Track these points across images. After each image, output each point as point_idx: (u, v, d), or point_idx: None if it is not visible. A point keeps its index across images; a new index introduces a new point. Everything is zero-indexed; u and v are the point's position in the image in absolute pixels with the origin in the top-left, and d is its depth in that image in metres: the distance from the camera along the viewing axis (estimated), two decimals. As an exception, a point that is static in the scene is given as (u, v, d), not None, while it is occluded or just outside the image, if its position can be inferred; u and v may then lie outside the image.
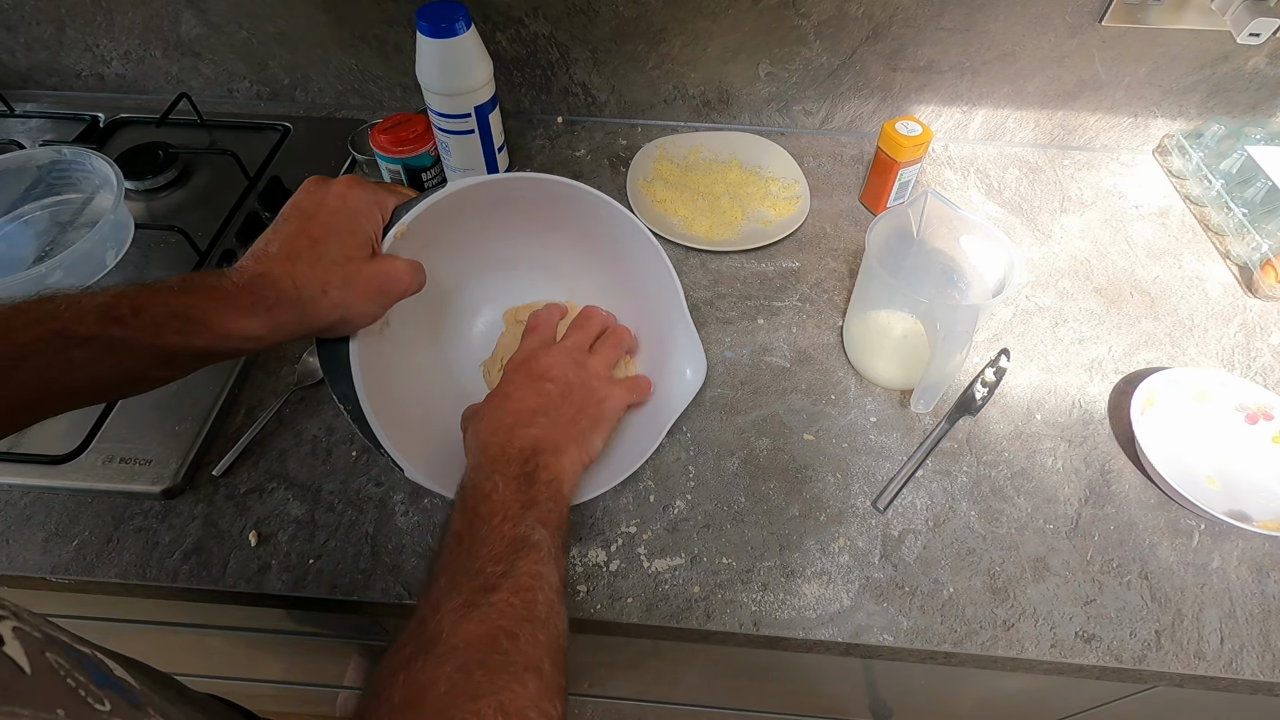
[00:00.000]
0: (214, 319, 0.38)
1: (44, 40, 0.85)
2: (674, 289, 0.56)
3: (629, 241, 0.56)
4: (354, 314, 0.45)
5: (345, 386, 0.47)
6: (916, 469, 0.59)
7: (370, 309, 0.46)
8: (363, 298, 0.45)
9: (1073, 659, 0.50)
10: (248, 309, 0.40)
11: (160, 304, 0.37)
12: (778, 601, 0.52)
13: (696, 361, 0.57)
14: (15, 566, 0.52)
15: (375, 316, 0.47)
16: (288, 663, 0.90)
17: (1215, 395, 0.60)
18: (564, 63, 0.84)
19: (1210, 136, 0.81)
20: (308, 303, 0.42)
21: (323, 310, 0.43)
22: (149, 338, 0.37)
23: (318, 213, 0.45)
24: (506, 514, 0.41)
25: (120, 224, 0.69)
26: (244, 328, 0.39)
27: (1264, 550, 0.55)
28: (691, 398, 0.57)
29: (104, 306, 0.36)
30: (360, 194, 0.46)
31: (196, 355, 0.39)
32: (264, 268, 0.41)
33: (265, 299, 0.40)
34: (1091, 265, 0.75)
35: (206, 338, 0.38)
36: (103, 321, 0.36)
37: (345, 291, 0.43)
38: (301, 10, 0.81)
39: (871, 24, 0.78)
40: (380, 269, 0.46)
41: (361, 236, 0.46)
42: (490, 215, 0.55)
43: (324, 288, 0.42)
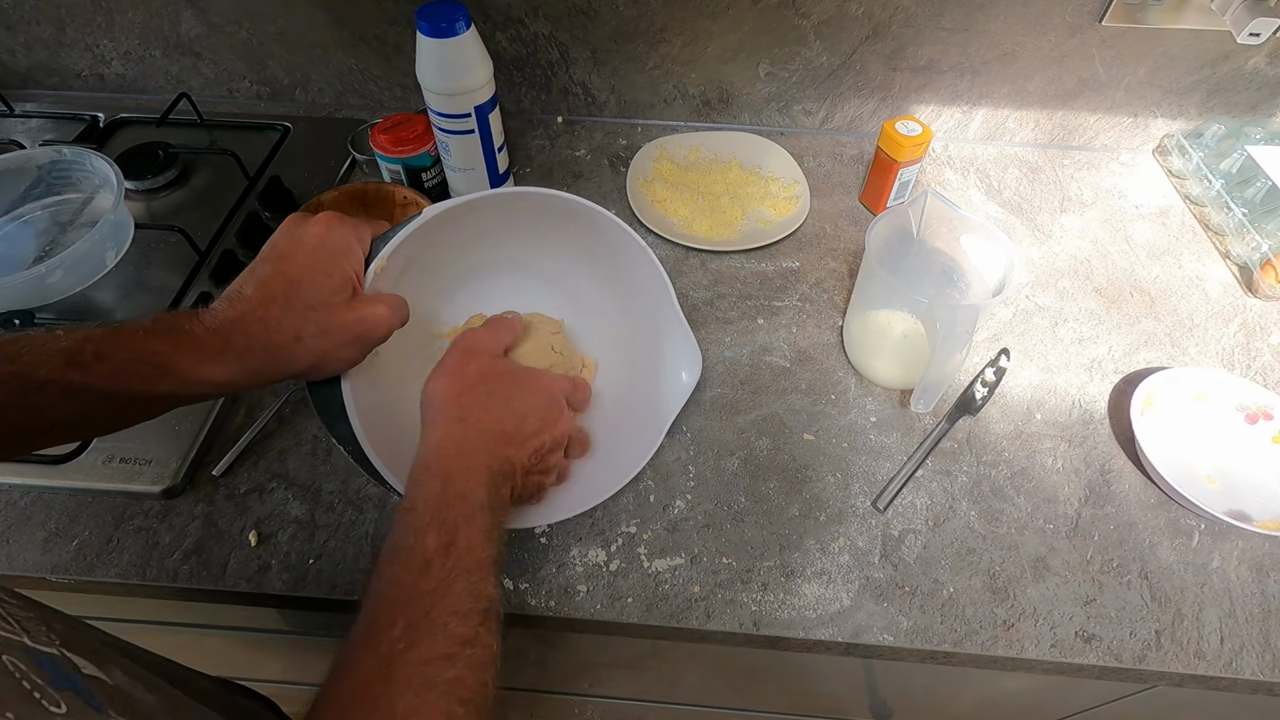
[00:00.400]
0: (180, 365, 0.37)
1: (44, 40, 0.85)
2: (665, 290, 0.56)
3: (618, 246, 0.55)
4: (330, 360, 0.43)
5: (343, 429, 0.46)
6: (916, 469, 0.59)
7: (348, 354, 0.44)
8: (339, 344, 0.43)
9: (1073, 659, 0.50)
10: (216, 355, 0.38)
11: (125, 349, 0.36)
12: (778, 601, 0.52)
13: (692, 361, 0.57)
14: (15, 566, 0.52)
15: (353, 362, 0.45)
16: (288, 663, 0.90)
17: (1215, 395, 0.60)
18: (564, 62, 0.84)
19: (1210, 136, 0.81)
20: (280, 349, 0.40)
21: (296, 357, 0.41)
22: (109, 383, 0.36)
23: (295, 253, 0.43)
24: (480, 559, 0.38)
25: (120, 224, 0.69)
26: (211, 374, 0.38)
27: (1264, 550, 0.55)
28: (687, 397, 0.57)
29: (66, 351, 0.35)
30: (340, 231, 0.45)
31: (161, 400, 0.38)
32: (237, 311, 0.40)
33: (235, 345, 0.39)
34: (1091, 265, 0.75)
35: (170, 384, 0.37)
36: (63, 366, 0.35)
37: (320, 339, 0.42)
38: (302, 10, 0.81)
39: (871, 24, 0.78)
40: (358, 315, 0.44)
41: (340, 278, 0.43)
42: (472, 231, 0.54)
43: (297, 334, 0.41)
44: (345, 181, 0.81)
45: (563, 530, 0.54)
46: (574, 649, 0.75)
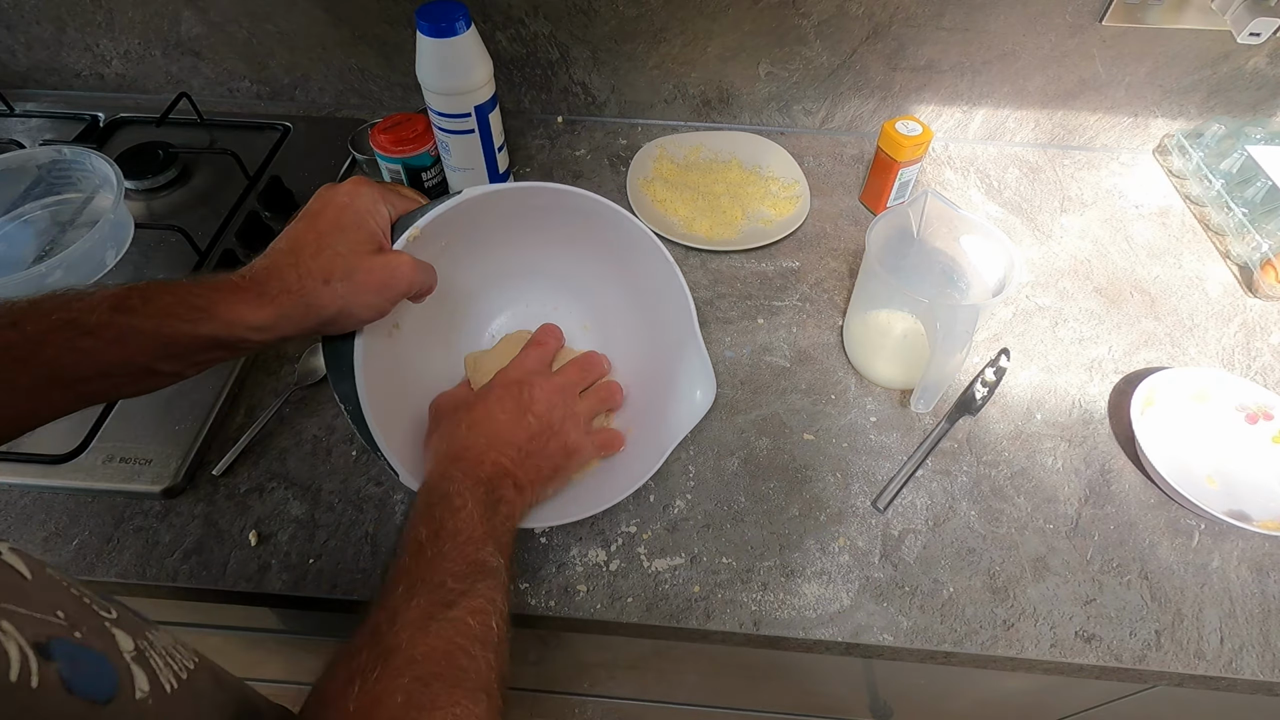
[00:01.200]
0: (220, 308, 0.39)
1: (44, 40, 0.85)
2: (687, 309, 0.55)
3: (644, 257, 0.55)
4: (356, 305, 0.45)
5: (347, 386, 0.47)
6: (916, 469, 0.59)
7: (373, 301, 0.45)
8: (365, 289, 0.44)
9: (1073, 659, 0.50)
10: (253, 299, 0.40)
11: (169, 294, 0.38)
12: (778, 601, 0.52)
13: (706, 383, 0.55)
14: (15, 566, 0.52)
15: (379, 310, 0.46)
16: (288, 662, 0.90)
17: (1215, 395, 0.60)
18: (564, 62, 0.84)
19: (1210, 136, 0.81)
20: (310, 293, 0.42)
21: (324, 300, 0.43)
22: (155, 325, 0.37)
23: (325, 209, 0.45)
24: (471, 535, 0.41)
25: (120, 223, 0.69)
26: (249, 316, 0.40)
27: (1264, 550, 0.55)
28: (699, 419, 0.55)
29: (114, 297, 0.37)
30: (367, 192, 0.47)
31: (203, 345, 0.39)
32: (269, 261, 0.43)
33: (270, 289, 0.41)
34: (1091, 265, 0.75)
35: (212, 325, 0.39)
36: (112, 311, 0.36)
37: (347, 283, 0.43)
38: (302, 10, 0.81)
39: (872, 23, 0.78)
40: (385, 262, 0.46)
41: (367, 231, 0.46)
42: (508, 223, 0.55)
43: (326, 277, 0.43)
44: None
45: (563, 530, 0.55)
46: (574, 649, 0.75)
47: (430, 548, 0.40)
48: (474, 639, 0.36)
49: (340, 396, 0.47)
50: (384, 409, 0.48)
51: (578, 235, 0.57)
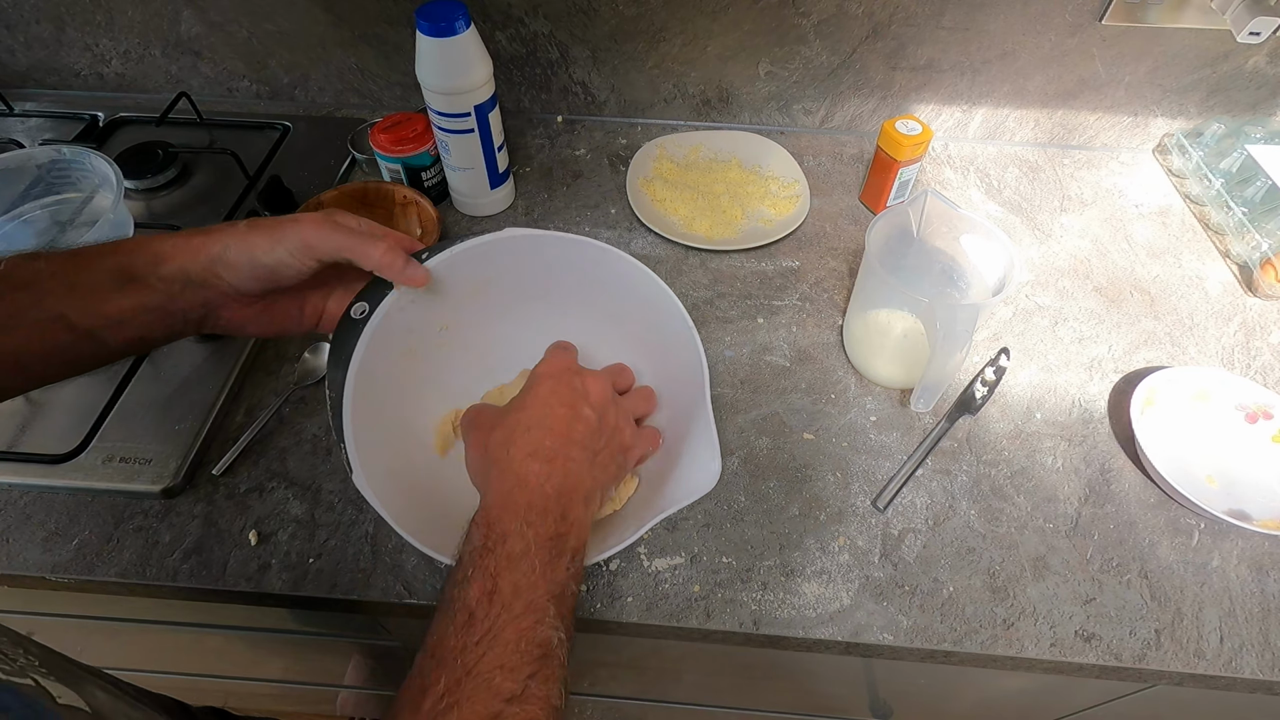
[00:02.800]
0: (126, 243, 0.42)
1: (43, 39, 0.85)
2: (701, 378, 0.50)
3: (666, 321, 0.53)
4: (247, 243, 0.43)
5: (339, 372, 0.46)
6: (916, 468, 0.59)
7: (263, 242, 0.43)
8: (258, 230, 0.43)
9: (1072, 658, 0.50)
10: (161, 237, 0.42)
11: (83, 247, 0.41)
12: (777, 600, 0.52)
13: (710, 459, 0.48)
14: (15, 566, 0.52)
15: (273, 254, 0.43)
16: (288, 662, 0.90)
17: (1215, 394, 0.60)
18: (564, 62, 0.84)
19: (1210, 135, 0.81)
20: (209, 231, 0.43)
21: (220, 236, 0.43)
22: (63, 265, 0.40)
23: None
24: (532, 600, 0.35)
25: (120, 223, 0.69)
26: (151, 246, 0.41)
27: (1264, 549, 0.55)
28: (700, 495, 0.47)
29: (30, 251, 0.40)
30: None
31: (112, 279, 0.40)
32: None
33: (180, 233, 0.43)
34: (1091, 264, 0.75)
35: (117, 257, 0.40)
36: (23, 259, 0.39)
37: (248, 226, 0.43)
38: (301, 9, 0.81)
39: (871, 23, 0.78)
40: (288, 218, 0.45)
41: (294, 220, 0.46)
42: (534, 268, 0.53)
43: (232, 225, 0.44)
44: (345, 181, 0.81)
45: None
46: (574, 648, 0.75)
47: (482, 619, 0.34)
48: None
49: (329, 381, 0.46)
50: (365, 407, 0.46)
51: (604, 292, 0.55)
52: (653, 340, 0.55)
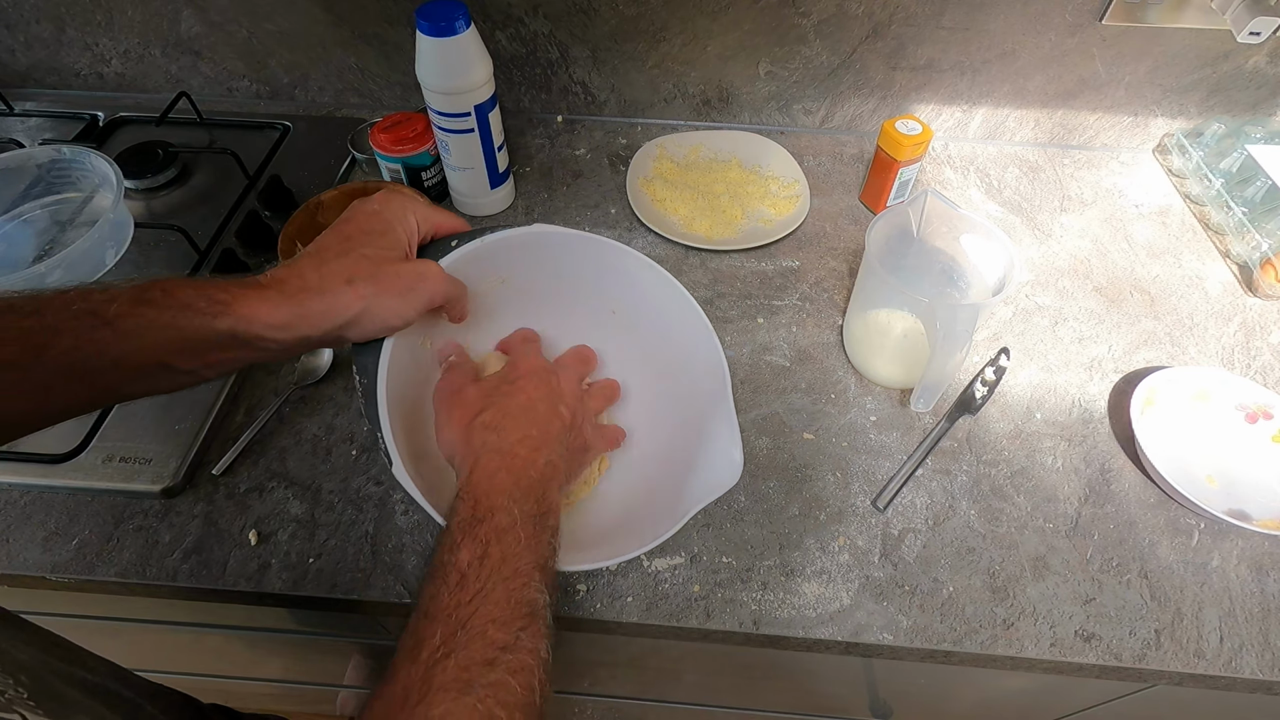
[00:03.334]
0: (238, 304, 0.39)
1: (43, 39, 0.85)
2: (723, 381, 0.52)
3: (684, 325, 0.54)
4: (379, 307, 0.43)
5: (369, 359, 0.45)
6: (916, 468, 0.59)
7: (396, 305, 0.44)
8: (389, 291, 0.43)
9: (1072, 658, 0.50)
10: (273, 297, 0.40)
11: (190, 288, 0.38)
12: (777, 600, 0.52)
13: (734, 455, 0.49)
14: (15, 565, 0.52)
15: (403, 316, 0.44)
16: (288, 661, 0.90)
17: (1215, 394, 0.60)
18: (564, 61, 0.84)
19: (1210, 135, 0.81)
20: (331, 291, 0.41)
21: (346, 300, 0.42)
22: (172, 318, 0.37)
23: (353, 217, 0.45)
24: (519, 566, 0.38)
25: (120, 223, 0.69)
26: (267, 314, 0.39)
27: (1264, 549, 0.55)
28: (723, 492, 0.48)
29: (136, 290, 0.37)
30: (397, 201, 0.47)
31: (220, 341, 0.39)
32: (293, 262, 0.43)
33: (290, 287, 0.41)
34: (1091, 264, 0.75)
35: (229, 320, 0.38)
36: (131, 303, 0.36)
37: (370, 283, 0.42)
38: (301, 9, 0.81)
39: (871, 23, 0.78)
40: (411, 268, 0.45)
41: (393, 238, 0.45)
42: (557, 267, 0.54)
43: (349, 278, 0.42)
44: (345, 180, 0.81)
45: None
46: (574, 648, 0.75)
47: (474, 580, 0.36)
48: (514, 707, 0.33)
49: (358, 368, 0.46)
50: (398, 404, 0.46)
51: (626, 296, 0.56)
52: (670, 340, 0.55)
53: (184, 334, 0.37)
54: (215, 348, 0.39)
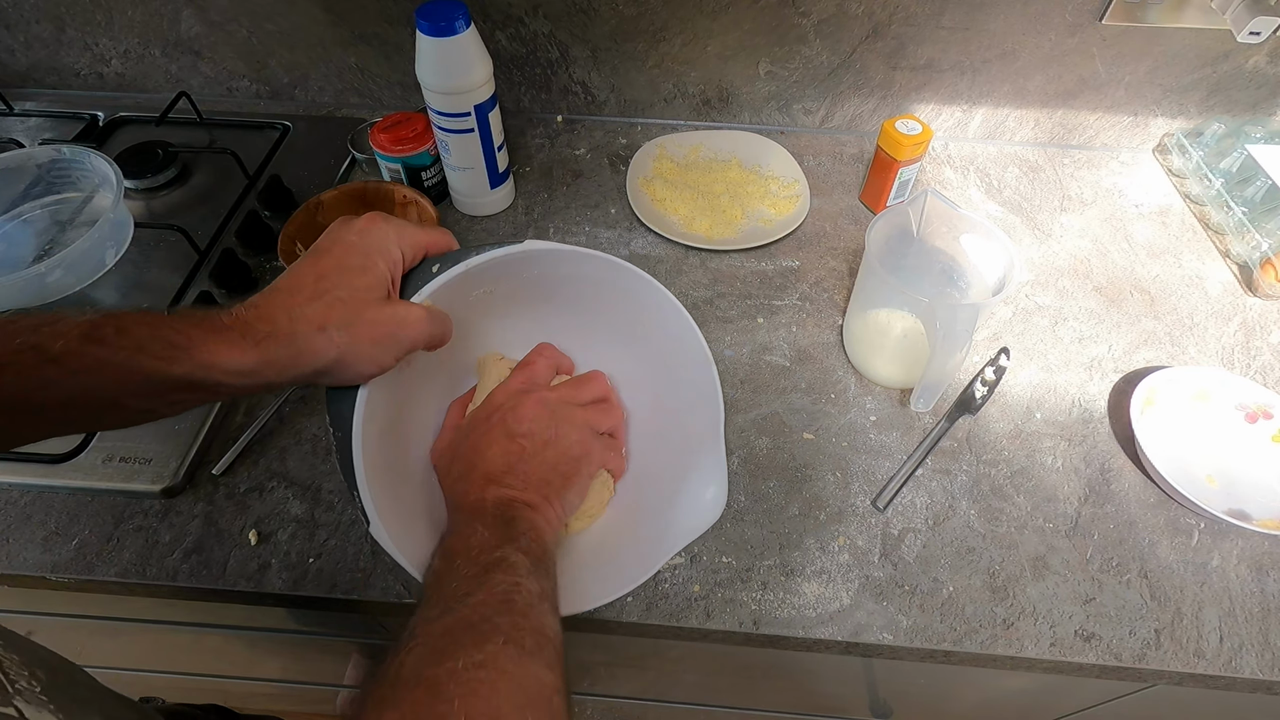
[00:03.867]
0: (197, 348, 0.36)
1: (43, 39, 0.85)
2: (716, 406, 0.51)
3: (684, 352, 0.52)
4: (354, 357, 0.40)
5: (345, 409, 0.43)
6: (916, 468, 0.59)
7: (373, 354, 0.41)
8: (364, 340, 0.40)
9: (1072, 657, 0.50)
10: (236, 340, 0.37)
11: (146, 327, 0.35)
12: (777, 600, 0.52)
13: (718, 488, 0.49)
14: (15, 565, 0.52)
15: (380, 364, 0.42)
16: (287, 661, 0.90)
17: (1215, 394, 0.60)
18: (564, 61, 0.84)
19: (1210, 135, 0.81)
20: (301, 338, 0.38)
21: (318, 347, 0.39)
22: (125, 359, 0.35)
23: (332, 248, 0.42)
24: (484, 547, 0.39)
25: (120, 223, 0.69)
26: (228, 360, 0.36)
27: (1263, 549, 0.55)
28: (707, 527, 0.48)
29: (88, 325, 0.35)
30: (380, 230, 0.43)
31: (175, 385, 0.36)
32: (262, 301, 0.39)
33: (257, 331, 0.38)
34: (1091, 264, 0.75)
35: (186, 366, 0.36)
36: (82, 340, 0.34)
37: (345, 332, 0.39)
38: (301, 9, 0.81)
39: (871, 22, 0.78)
40: (391, 314, 0.42)
41: (374, 276, 0.42)
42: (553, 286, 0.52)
43: (322, 324, 0.39)
44: (345, 180, 0.81)
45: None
46: (574, 648, 0.75)
47: (445, 574, 0.38)
48: (494, 610, 0.35)
49: (332, 417, 0.43)
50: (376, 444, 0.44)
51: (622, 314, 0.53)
52: (664, 362, 0.54)
53: (136, 376, 0.35)
54: (171, 391, 0.36)
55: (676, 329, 0.51)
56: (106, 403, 0.36)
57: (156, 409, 0.38)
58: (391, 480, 0.45)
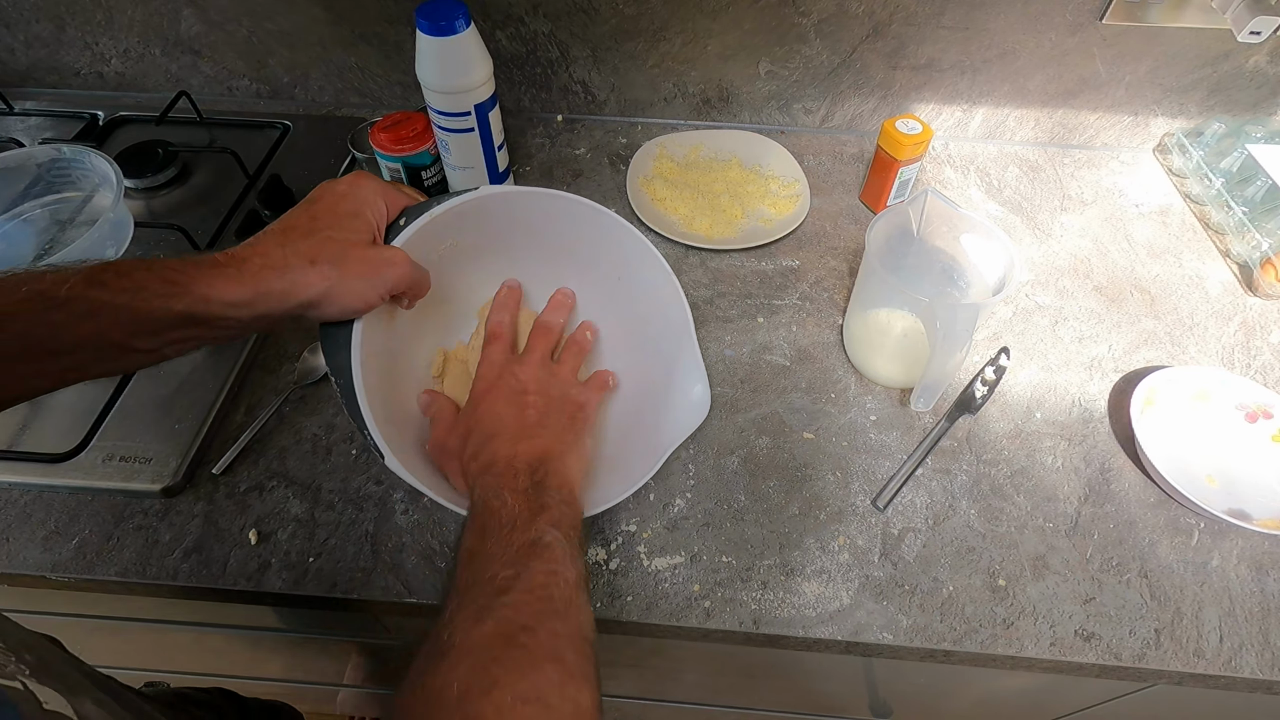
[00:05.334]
0: (196, 283, 0.38)
1: (43, 38, 0.85)
2: (684, 316, 0.56)
3: (643, 265, 0.57)
4: (342, 291, 0.43)
5: (342, 359, 0.46)
6: (916, 467, 0.59)
7: (360, 288, 0.44)
8: (353, 275, 0.43)
9: (1072, 657, 0.50)
10: (233, 275, 0.39)
11: (144, 269, 0.38)
12: (777, 600, 0.52)
13: (701, 383, 0.55)
14: (15, 565, 0.52)
15: (365, 300, 0.45)
16: (288, 661, 0.90)
17: (1215, 394, 0.60)
18: (564, 61, 0.84)
19: (1211, 135, 0.81)
20: (294, 270, 0.41)
21: (309, 279, 0.41)
22: (128, 300, 0.36)
23: (323, 196, 0.45)
24: (516, 523, 0.40)
25: (120, 222, 0.69)
26: (225, 292, 0.39)
27: (1263, 549, 0.55)
28: (699, 422, 0.54)
29: (89, 271, 0.36)
30: (367, 184, 0.47)
31: (177, 321, 0.38)
32: (256, 240, 0.42)
33: (251, 265, 0.40)
34: (1091, 264, 0.75)
35: (186, 300, 0.38)
36: (85, 284, 0.36)
37: (335, 266, 0.42)
38: (301, 8, 0.81)
39: (872, 22, 0.78)
40: (377, 254, 0.45)
41: (362, 222, 0.45)
42: (513, 226, 0.56)
43: (313, 258, 0.42)
44: (345, 180, 0.81)
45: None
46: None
47: (478, 553, 0.39)
48: (536, 614, 0.35)
49: (333, 369, 0.46)
50: (376, 391, 0.47)
51: (580, 242, 0.57)
52: (629, 277, 0.58)
53: (140, 315, 0.37)
54: (173, 327, 0.38)
55: (632, 248, 0.56)
56: (114, 345, 0.37)
57: (161, 349, 0.39)
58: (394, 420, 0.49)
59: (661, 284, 0.57)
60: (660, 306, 0.57)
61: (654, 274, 0.57)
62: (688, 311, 0.56)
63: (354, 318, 0.46)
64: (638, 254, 0.57)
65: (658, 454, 0.52)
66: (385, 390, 0.49)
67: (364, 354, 0.46)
